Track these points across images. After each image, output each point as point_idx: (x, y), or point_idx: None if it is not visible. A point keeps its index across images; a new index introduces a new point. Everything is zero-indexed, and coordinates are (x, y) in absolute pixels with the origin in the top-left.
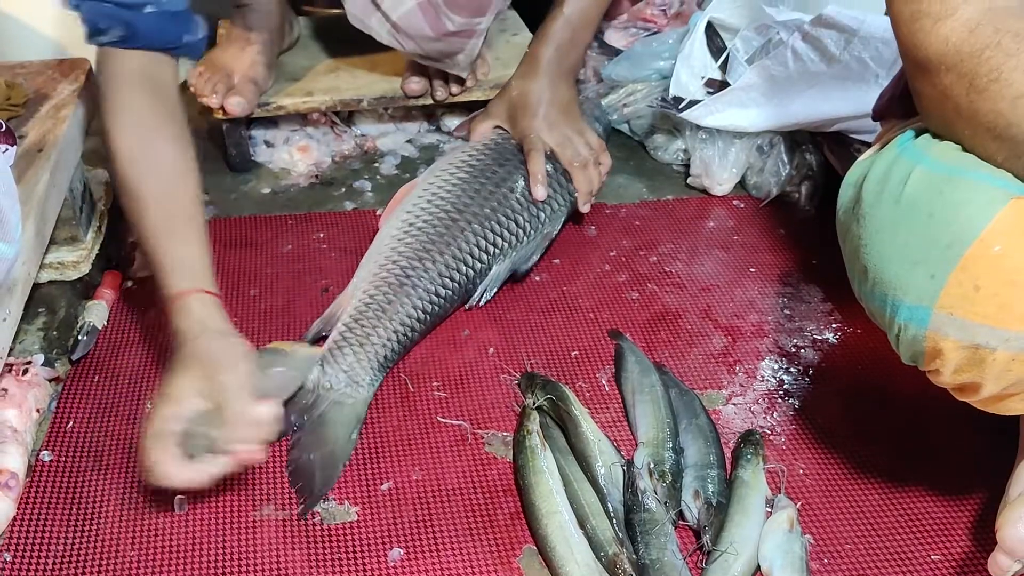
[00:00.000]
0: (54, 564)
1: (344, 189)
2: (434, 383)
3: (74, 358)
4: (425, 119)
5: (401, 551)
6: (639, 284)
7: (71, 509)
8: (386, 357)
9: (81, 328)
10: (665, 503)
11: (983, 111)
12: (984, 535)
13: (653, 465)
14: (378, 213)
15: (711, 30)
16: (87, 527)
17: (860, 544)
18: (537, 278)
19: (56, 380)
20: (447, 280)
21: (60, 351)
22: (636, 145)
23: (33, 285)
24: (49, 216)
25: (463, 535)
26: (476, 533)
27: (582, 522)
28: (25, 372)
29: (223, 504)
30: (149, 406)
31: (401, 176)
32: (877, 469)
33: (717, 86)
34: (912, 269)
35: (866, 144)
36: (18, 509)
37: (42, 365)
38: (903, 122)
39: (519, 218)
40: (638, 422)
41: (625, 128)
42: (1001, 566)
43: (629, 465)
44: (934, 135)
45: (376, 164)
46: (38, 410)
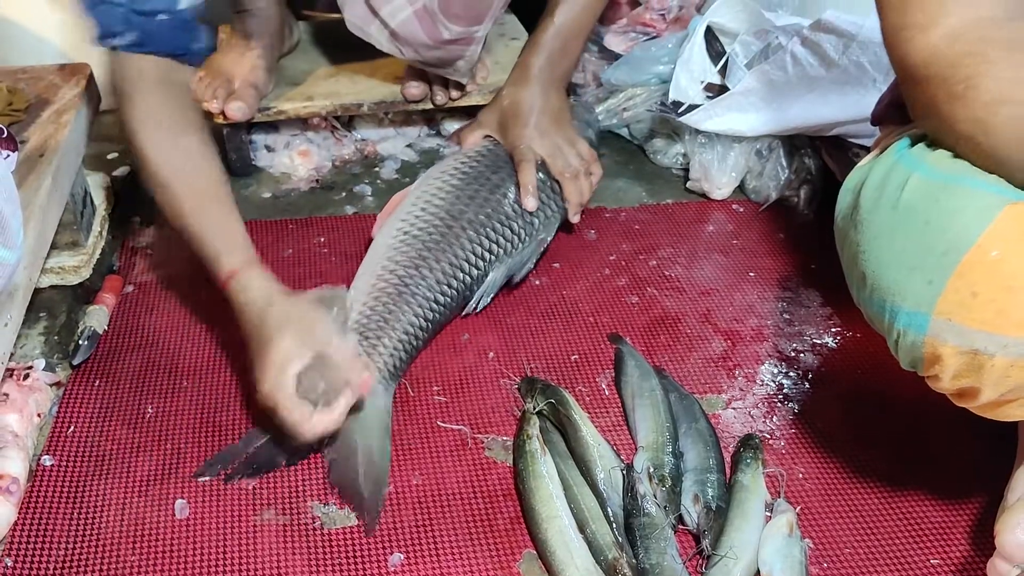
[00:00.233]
0: (55, 569)
1: (344, 193)
2: (434, 387)
3: (75, 363)
4: (425, 123)
5: (401, 556)
6: (639, 288)
7: (72, 514)
8: (395, 366)
9: (82, 333)
10: (665, 507)
11: (962, 118)
12: (983, 540)
13: (653, 469)
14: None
15: (710, 35)
16: (88, 532)
17: (859, 548)
18: (537, 282)
19: (57, 385)
20: (445, 287)
21: (61, 356)
22: (635, 149)
23: (34, 290)
24: (50, 221)
25: (463, 540)
26: (476, 537)
27: (582, 526)
28: (26, 377)
29: (224, 509)
30: (150, 411)
31: (401, 180)
32: (876, 473)
33: (716, 90)
34: (910, 275)
35: (865, 148)
36: (19, 514)
37: (43, 370)
38: (901, 128)
39: (513, 224)
40: (638, 426)
41: (624, 132)
42: (1000, 571)
43: (629, 469)
44: (930, 142)
45: (376, 168)
46: (39, 415)
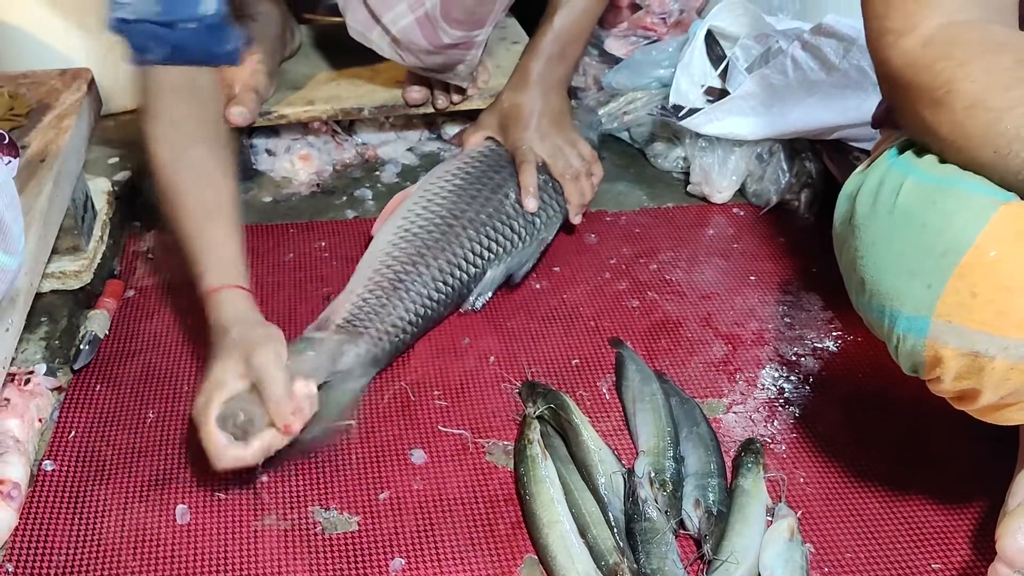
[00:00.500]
0: (56, 574)
1: (345, 197)
2: (435, 392)
3: (76, 367)
4: (426, 127)
5: (402, 561)
6: (639, 292)
7: (73, 519)
8: (376, 356)
9: (83, 337)
10: (666, 512)
11: (942, 123)
12: (984, 544)
13: (654, 474)
14: None
15: (711, 39)
16: (89, 537)
17: (861, 553)
18: (537, 286)
19: (58, 390)
20: (440, 284)
21: (62, 360)
22: (636, 153)
23: (35, 294)
24: (51, 226)
25: (464, 545)
26: (477, 543)
27: (583, 531)
28: (27, 382)
29: (225, 514)
30: (151, 416)
31: (402, 184)
32: (878, 478)
33: (717, 94)
34: (909, 279)
35: (865, 152)
36: (20, 519)
37: (44, 375)
38: (898, 132)
39: (514, 223)
40: (639, 431)
41: (625, 136)
42: None
43: (630, 474)
44: (919, 147)
45: (377, 172)
46: (40, 420)
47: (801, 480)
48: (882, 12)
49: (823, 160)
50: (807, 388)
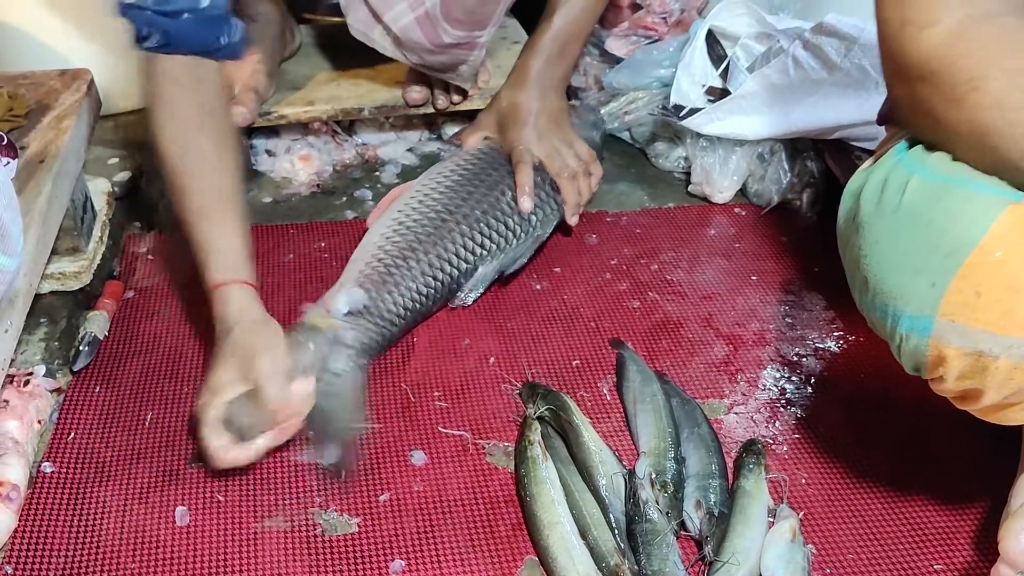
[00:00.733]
0: None
1: (345, 198)
2: (435, 393)
3: (75, 369)
4: (426, 128)
5: (402, 562)
6: (640, 292)
7: (73, 521)
8: (367, 347)
9: (82, 339)
10: (667, 513)
11: (962, 120)
12: (987, 545)
13: (655, 475)
14: None
15: (712, 38)
16: (89, 539)
17: (863, 554)
18: (538, 287)
19: (57, 391)
20: (430, 279)
21: (61, 362)
22: (637, 153)
23: (34, 295)
24: (51, 227)
25: (464, 546)
26: (477, 544)
27: (584, 532)
28: (26, 383)
29: (225, 516)
30: (150, 418)
31: (402, 184)
32: (880, 478)
33: (718, 94)
34: (913, 279)
35: (867, 151)
36: (19, 521)
37: (43, 376)
38: (903, 129)
39: (508, 221)
40: (640, 432)
41: (626, 136)
42: None
43: (631, 475)
44: (927, 144)
45: (377, 173)
46: (39, 421)
47: (803, 481)
48: (903, 3)
49: (825, 160)
50: (809, 388)
